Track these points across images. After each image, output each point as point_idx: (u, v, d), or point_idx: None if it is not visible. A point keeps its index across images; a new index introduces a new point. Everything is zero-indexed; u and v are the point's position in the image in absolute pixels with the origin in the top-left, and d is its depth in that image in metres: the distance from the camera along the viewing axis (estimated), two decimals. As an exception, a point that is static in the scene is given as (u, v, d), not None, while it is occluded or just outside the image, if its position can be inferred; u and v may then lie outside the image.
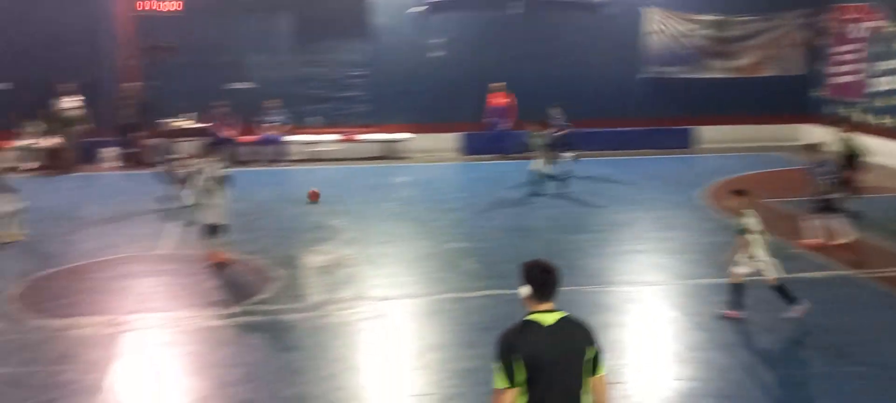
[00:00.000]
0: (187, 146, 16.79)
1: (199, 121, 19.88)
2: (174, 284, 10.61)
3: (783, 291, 9.00)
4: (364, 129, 21.38)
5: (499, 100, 21.09)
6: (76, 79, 19.12)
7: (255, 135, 20.31)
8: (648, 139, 22.15)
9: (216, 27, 20.12)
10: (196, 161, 11.12)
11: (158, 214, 14.49)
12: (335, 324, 9.13)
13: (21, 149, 18.72)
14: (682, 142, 22.49)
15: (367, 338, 8.81)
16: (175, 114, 19.98)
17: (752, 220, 8.96)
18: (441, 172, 19.59)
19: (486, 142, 21.22)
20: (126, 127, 19.31)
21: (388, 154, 21.24)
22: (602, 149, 20.66)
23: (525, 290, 4.45)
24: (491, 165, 19.84)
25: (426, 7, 21.33)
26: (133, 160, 19.42)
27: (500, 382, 4.30)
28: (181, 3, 19.99)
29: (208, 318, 9.27)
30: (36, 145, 18.83)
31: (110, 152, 19.43)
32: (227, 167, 11.49)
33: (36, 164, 18.73)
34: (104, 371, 7.78)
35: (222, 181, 11.13)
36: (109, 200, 15.83)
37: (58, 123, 18.75)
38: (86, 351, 8.31)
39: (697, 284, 10.35)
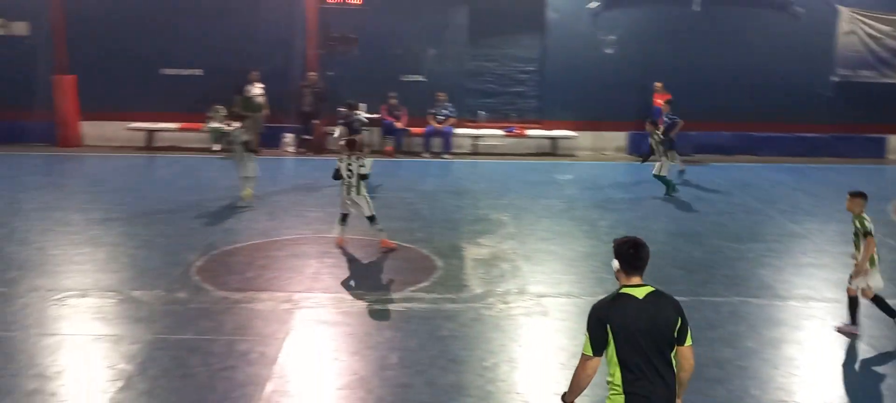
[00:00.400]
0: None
1: (370, 111, 20.60)
2: (342, 266, 11.04)
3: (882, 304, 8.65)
4: (530, 125, 21.37)
5: (660, 98, 20.46)
6: (263, 68, 20.28)
7: (423, 126, 20.77)
8: (837, 146, 20.83)
9: (393, 20, 20.71)
10: (342, 158, 11.69)
11: (335, 199, 15.09)
12: (494, 317, 9.19)
13: (209, 131, 20.09)
14: (875, 151, 20.97)
15: (525, 333, 8.81)
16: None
17: (871, 223, 8.55)
18: (606, 171, 19.25)
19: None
20: (306, 114, 20.28)
21: (554, 150, 21.12)
22: (785, 155, 19.59)
23: (615, 265, 4.85)
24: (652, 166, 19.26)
25: (600, 2, 21.00)
26: (311, 146, 20.41)
27: (587, 349, 4.73)
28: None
29: (372, 302, 9.59)
30: (221, 128, 20.16)
31: (290, 138, 20.49)
32: (368, 161, 11.86)
33: (221, 147, 20.06)
34: (276, 345, 8.23)
35: (362, 177, 11.58)
36: (288, 183, 16.70)
37: (243, 109, 19.96)
38: (260, 324, 8.83)
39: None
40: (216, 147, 19.86)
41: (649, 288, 4.78)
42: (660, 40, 20.95)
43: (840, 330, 8.73)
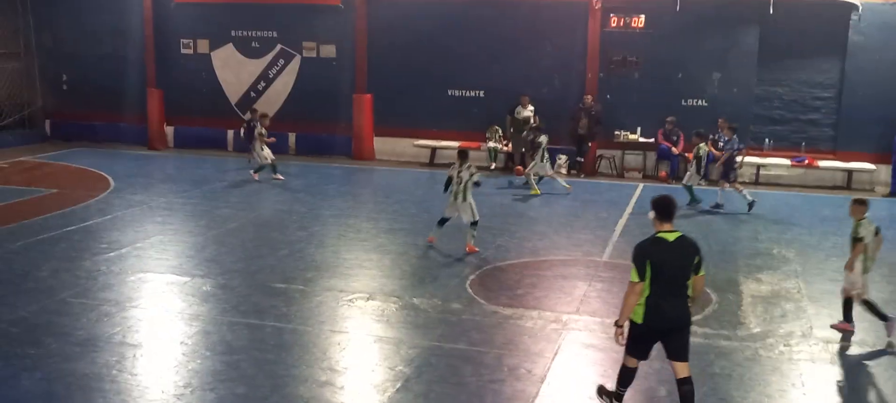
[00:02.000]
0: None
1: (646, 135, 20.27)
2: (612, 291, 10.93)
3: (872, 308, 9.07)
4: (822, 155, 19.78)
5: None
6: (541, 90, 20.71)
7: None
8: None
9: (676, 44, 20.22)
10: (454, 167, 12.68)
11: (605, 223, 15.07)
12: (773, 359, 8.63)
13: (487, 150, 20.87)
14: None
15: (809, 381, 8.16)
16: (629, 128, 20.58)
17: (866, 230, 8.99)
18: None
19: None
20: (581, 137, 20.40)
21: (848, 184, 19.34)
22: None
23: (651, 214, 6.74)
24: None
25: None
26: (584, 169, 20.49)
27: (634, 276, 6.54)
28: (644, 20, 20.43)
29: (641, 330, 9.40)
30: (498, 149, 20.88)
31: (563, 160, 20.71)
32: (478, 172, 12.78)
33: (495, 165, 20.76)
34: (544, 364, 8.36)
35: (476, 184, 12.56)
36: (558, 205, 16.89)
37: (515, 130, 20.54)
38: (529, 341, 9.01)
39: None
40: (493, 166, 20.61)
41: (678, 233, 6.69)
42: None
43: (834, 327, 9.38)
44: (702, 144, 16.63)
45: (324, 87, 22.55)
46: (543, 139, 17.76)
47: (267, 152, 18.57)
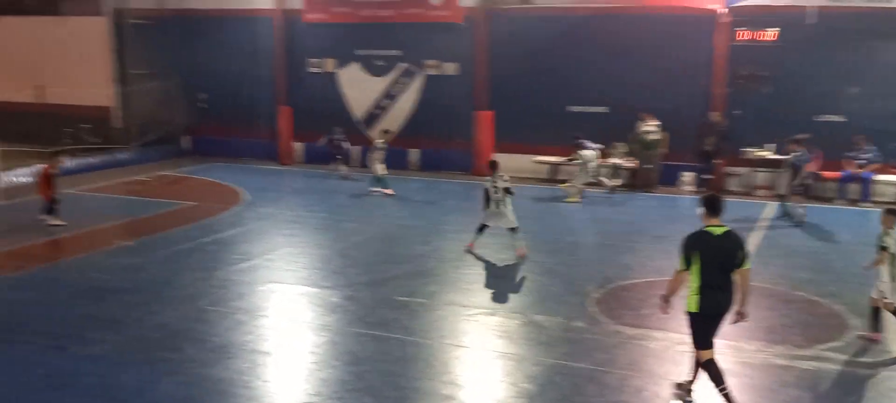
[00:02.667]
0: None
1: (777, 152, 19.45)
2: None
3: None
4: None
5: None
6: (664, 105, 20.24)
7: (838, 171, 19.02)
8: None
9: (810, 57, 19.37)
10: (489, 179, 13.28)
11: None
12: (920, 391, 8.10)
13: (610, 167, 20.57)
14: None
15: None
16: (757, 144, 19.86)
17: (893, 240, 8.90)
18: None
19: None
20: (707, 153, 19.82)
21: None
22: None
23: (700, 210, 7.32)
24: None
25: None
26: (711, 186, 19.87)
27: (680, 265, 7.25)
28: (777, 33, 19.67)
29: (775, 355, 9.02)
30: (621, 164, 20.55)
31: (689, 177, 20.16)
32: (510, 180, 13.36)
33: (620, 182, 20.42)
34: (669, 386, 8.14)
35: (508, 191, 13.16)
36: (685, 223, 16.39)
37: (639, 145, 20.14)
38: (653, 363, 8.81)
39: None
40: (615, 182, 20.31)
41: (725, 228, 7.21)
42: None
43: (861, 337, 9.37)
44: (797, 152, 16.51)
45: (445, 104, 22.84)
46: (586, 154, 18.50)
47: (379, 167, 19.20)
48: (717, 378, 7.35)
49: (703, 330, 7.35)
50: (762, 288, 11.46)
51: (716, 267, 7.10)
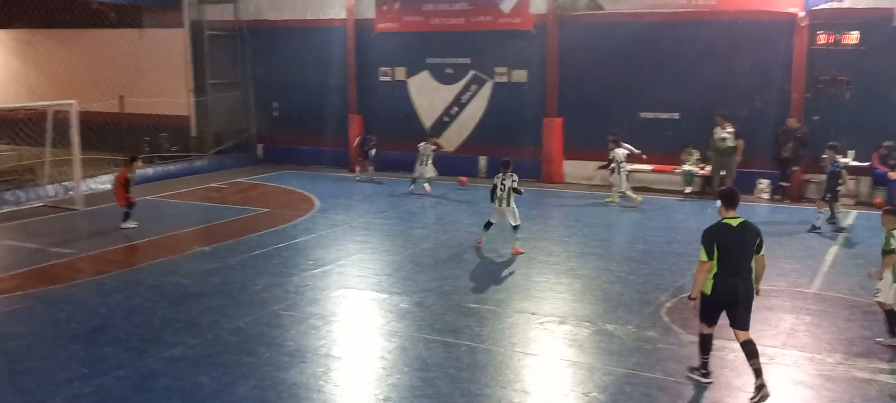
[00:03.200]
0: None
1: (859, 159, 18.81)
2: (821, 325, 10.23)
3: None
4: None
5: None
6: (740, 112, 19.78)
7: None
8: None
9: (894, 61, 18.68)
10: (498, 176, 14.01)
11: (814, 252, 14.15)
12: None
13: (682, 174, 20.20)
14: None
15: None
16: (837, 151, 19.20)
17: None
18: None
19: None
20: (784, 160, 19.29)
21: None
22: None
23: (718, 203, 8.04)
24: None
25: None
26: (788, 194, 19.36)
27: (703, 256, 7.81)
28: (859, 36, 19.02)
29: (858, 369, 8.72)
30: (694, 171, 20.14)
31: (765, 184, 19.66)
32: (519, 180, 14.14)
33: (691, 189, 20.01)
34: (747, 399, 7.95)
35: (516, 191, 13.92)
36: (763, 231, 15.99)
37: (714, 152, 19.70)
38: (730, 375, 8.61)
39: None
40: (687, 189, 19.93)
41: (741, 219, 7.91)
42: None
43: (880, 343, 9.32)
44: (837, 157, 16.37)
45: (514, 111, 22.78)
46: (617, 153, 18.58)
47: (429, 169, 20.34)
48: (705, 348, 8.24)
49: (710, 310, 8.01)
50: (842, 299, 11.12)
51: (733, 256, 7.75)
